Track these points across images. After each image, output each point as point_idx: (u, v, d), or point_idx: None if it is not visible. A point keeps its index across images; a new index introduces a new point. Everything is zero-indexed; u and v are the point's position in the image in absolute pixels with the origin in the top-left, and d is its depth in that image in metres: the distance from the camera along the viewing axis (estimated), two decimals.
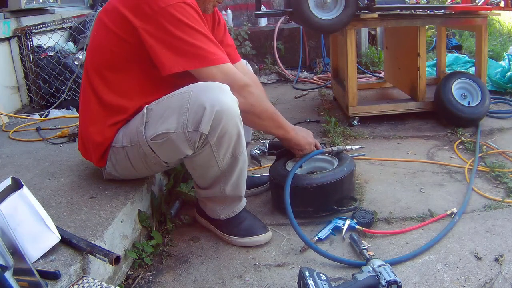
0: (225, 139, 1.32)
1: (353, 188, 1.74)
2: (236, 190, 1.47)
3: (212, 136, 1.29)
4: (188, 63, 1.32)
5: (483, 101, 2.51)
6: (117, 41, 1.37)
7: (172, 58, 1.31)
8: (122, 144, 1.41)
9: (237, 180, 1.45)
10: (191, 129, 1.27)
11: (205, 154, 1.34)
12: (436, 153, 2.22)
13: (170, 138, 1.29)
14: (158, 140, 1.31)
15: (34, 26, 3.05)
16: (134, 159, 1.42)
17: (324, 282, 1.18)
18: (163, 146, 1.32)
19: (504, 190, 1.80)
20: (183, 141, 1.29)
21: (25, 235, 1.08)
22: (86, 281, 1.06)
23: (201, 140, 1.29)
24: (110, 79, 1.41)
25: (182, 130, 1.27)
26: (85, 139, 1.50)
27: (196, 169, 1.43)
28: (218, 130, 1.28)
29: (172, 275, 1.40)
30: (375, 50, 4.41)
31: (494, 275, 1.29)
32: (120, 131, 1.43)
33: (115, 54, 1.39)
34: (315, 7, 2.37)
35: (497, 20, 5.58)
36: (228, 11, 4.67)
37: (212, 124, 1.26)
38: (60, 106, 3.06)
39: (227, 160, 1.37)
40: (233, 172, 1.42)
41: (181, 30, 1.30)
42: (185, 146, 1.30)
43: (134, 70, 1.40)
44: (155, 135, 1.31)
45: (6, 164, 1.81)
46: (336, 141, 2.38)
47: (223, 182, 1.43)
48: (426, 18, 2.57)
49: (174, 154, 1.35)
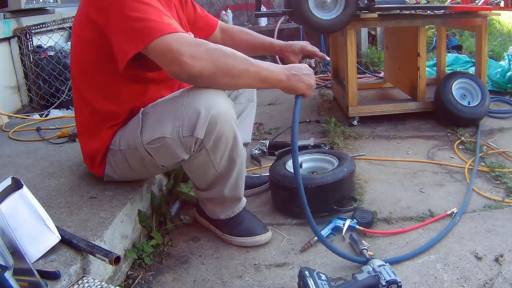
0: (221, 143, 1.30)
1: (353, 188, 1.74)
2: (235, 192, 1.47)
3: (208, 140, 1.27)
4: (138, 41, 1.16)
5: (483, 101, 2.51)
6: (87, 44, 1.33)
7: (124, 45, 1.18)
8: (119, 147, 1.41)
9: (235, 182, 1.44)
10: (186, 134, 1.25)
11: (201, 158, 1.33)
12: (436, 153, 2.22)
13: (166, 142, 1.28)
14: (154, 145, 1.30)
15: (34, 26, 3.05)
16: (132, 161, 1.42)
17: (324, 282, 1.18)
18: (160, 151, 1.31)
19: (504, 190, 1.80)
20: (178, 145, 1.27)
21: (25, 235, 1.08)
22: (86, 281, 1.06)
23: (197, 144, 1.28)
24: (94, 85, 1.39)
25: (178, 135, 1.25)
26: (86, 151, 1.51)
27: (194, 172, 1.43)
28: (214, 134, 1.27)
29: (172, 275, 1.40)
30: (375, 50, 4.41)
31: (494, 275, 1.29)
32: (117, 133, 1.43)
33: (87, 59, 1.35)
34: (315, 7, 2.37)
35: (497, 20, 5.58)
36: (228, 11, 4.67)
37: (208, 128, 1.24)
38: (60, 106, 3.06)
39: (224, 163, 1.37)
40: (231, 174, 1.41)
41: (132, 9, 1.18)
42: (181, 150, 1.29)
43: (107, 71, 1.34)
44: (151, 139, 1.30)
45: (6, 164, 1.81)
46: (336, 141, 2.38)
47: (221, 184, 1.43)
48: (426, 18, 2.57)
49: (171, 158, 1.34)
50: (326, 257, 1.43)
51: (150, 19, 1.17)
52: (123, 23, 1.19)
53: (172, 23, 1.20)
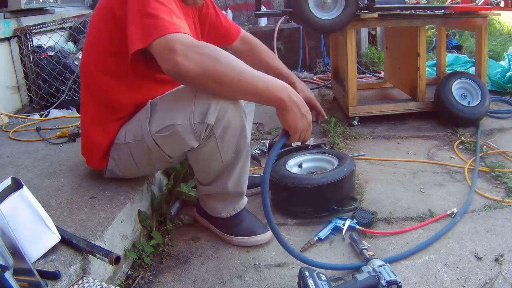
0: (230, 131, 1.33)
1: (353, 188, 1.74)
2: (238, 186, 1.48)
3: (217, 127, 1.30)
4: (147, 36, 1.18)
5: (483, 101, 2.51)
6: (108, 36, 1.35)
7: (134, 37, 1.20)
8: (125, 141, 1.42)
9: (239, 176, 1.45)
10: (198, 121, 1.27)
11: (209, 146, 1.35)
12: (436, 153, 2.22)
13: (176, 130, 1.29)
14: (164, 133, 1.32)
15: (34, 26, 3.05)
16: (137, 155, 1.42)
17: (324, 282, 1.18)
18: (169, 139, 1.33)
19: (504, 190, 1.80)
20: (189, 133, 1.29)
21: (25, 235, 1.08)
22: (86, 281, 1.06)
23: (207, 131, 1.30)
24: (105, 75, 1.40)
25: (189, 122, 1.28)
26: (87, 141, 1.51)
27: (199, 163, 1.44)
28: (223, 121, 1.29)
29: (172, 275, 1.40)
30: (375, 50, 4.41)
31: (494, 275, 1.29)
32: (122, 128, 1.44)
33: (104, 49, 1.38)
34: (315, 7, 2.37)
35: (497, 20, 5.58)
36: (228, 11, 4.68)
37: (218, 115, 1.27)
38: (60, 106, 3.05)
39: (230, 154, 1.38)
40: (236, 167, 1.42)
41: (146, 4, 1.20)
42: (191, 138, 1.30)
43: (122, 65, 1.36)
44: (161, 128, 1.32)
45: (6, 164, 1.81)
46: (336, 141, 2.38)
47: (225, 177, 1.44)
48: (426, 18, 2.57)
49: (179, 147, 1.35)
50: (326, 257, 1.43)
51: (161, 17, 1.19)
52: (137, 17, 1.21)
53: (179, 24, 1.21)
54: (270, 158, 1.28)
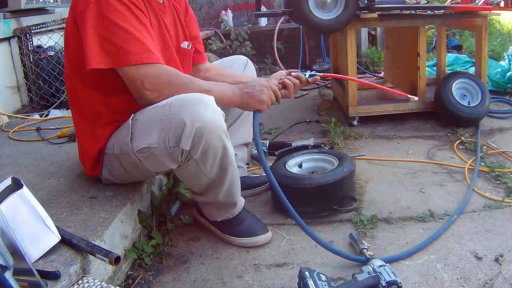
0: (210, 153, 1.30)
1: (353, 188, 1.74)
2: (229, 197, 1.47)
3: (195, 151, 1.27)
4: (107, 60, 1.26)
5: (483, 101, 2.51)
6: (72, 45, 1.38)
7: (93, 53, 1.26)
8: (113, 151, 1.41)
9: (229, 188, 1.43)
10: (173, 144, 1.25)
11: (191, 167, 1.33)
12: (436, 153, 2.22)
13: (153, 152, 1.28)
14: (143, 154, 1.31)
15: (34, 26, 3.05)
16: (127, 166, 1.42)
17: (324, 282, 1.18)
18: (149, 159, 1.31)
19: (504, 190, 1.80)
20: (166, 155, 1.27)
21: (25, 235, 1.08)
22: (86, 281, 1.06)
23: (184, 155, 1.27)
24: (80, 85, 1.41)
25: (164, 145, 1.25)
26: (81, 150, 1.54)
27: (186, 179, 1.44)
28: (201, 145, 1.26)
29: (172, 275, 1.40)
30: (375, 50, 4.42)
31: (494, 275, 1.29)
32: (111, 138, 1.42)
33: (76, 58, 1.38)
34: (315, 7, 2.37)
35: (497, 20, 5.58)
36: (228, 11, 4.68)
37: (194, 140, 1.24)
38: (60, 106, 3.05)
39: (215, 171, 1.36)
40: (224, 181, 1.40)
41: (104, 27, 1.26)
42: (168, 160, 1.29)
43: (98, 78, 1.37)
44: (139, 148, 1.30)
45: (6, 164, 1.81)
46: (336, 141, 2.38)
47: (215, 190, 1.43)
48: (426, 18, 2.57)
49: (160, 167, 1.34)
50: (326, 257, 1.43)
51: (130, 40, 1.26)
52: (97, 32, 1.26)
53: (150, 48, 1.29)
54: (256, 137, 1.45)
